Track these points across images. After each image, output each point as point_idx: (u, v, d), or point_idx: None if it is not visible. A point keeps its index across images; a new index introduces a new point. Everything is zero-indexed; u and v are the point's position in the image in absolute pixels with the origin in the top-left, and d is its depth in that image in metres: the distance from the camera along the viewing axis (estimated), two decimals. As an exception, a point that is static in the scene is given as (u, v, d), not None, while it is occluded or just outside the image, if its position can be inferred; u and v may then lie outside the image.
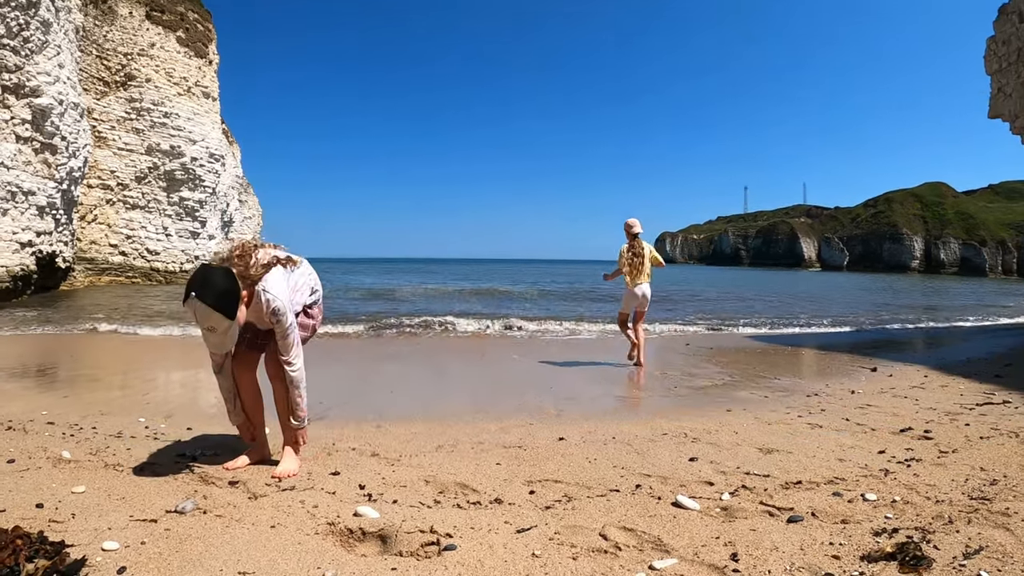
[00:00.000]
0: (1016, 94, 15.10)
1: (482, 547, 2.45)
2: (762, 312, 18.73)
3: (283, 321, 3.42)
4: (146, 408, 5.57)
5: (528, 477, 3.49)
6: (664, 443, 4.28)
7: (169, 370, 8.44)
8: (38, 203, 19.39)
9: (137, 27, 28.28)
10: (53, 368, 8.32)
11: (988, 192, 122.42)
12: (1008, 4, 15.22)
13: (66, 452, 3.73)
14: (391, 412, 5.58)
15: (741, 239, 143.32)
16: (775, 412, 5.43)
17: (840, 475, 3.47)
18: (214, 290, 3.05)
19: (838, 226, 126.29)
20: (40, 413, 5.10)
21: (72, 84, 21.25)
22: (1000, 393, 6.09)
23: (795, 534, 2.58)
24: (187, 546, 2.40)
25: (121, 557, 2.29)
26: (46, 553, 2.24)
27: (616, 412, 5.68)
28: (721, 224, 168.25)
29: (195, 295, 3.00)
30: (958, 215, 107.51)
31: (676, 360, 9.43)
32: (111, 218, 27.80)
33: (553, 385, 7.01)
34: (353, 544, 2.53)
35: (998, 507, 2.85)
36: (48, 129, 19.47)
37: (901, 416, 5.10)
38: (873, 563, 2.30)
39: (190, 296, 3.02)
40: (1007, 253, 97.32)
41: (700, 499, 3.06)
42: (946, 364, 8.62)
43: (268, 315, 3.39)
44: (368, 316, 15.79)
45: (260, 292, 3.35)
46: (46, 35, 19.07)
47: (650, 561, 2.34)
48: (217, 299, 3.04)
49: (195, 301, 3.00)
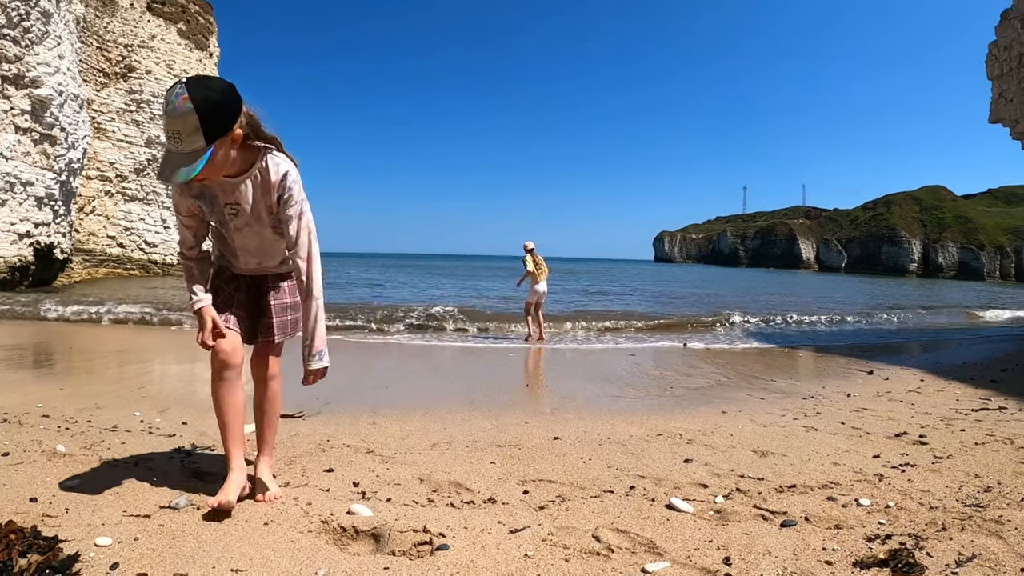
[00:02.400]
0: (1017, 99, 15.10)
1: (475, 547, 2.45)
2: (759, 312, 18.73)
3: (297, 199, 2.80)
4: (142, 401, 5.57)
5: (522, 476, 3.49)
6: (659, 444, 4.28)
7: (165, 363, 8.45)
8: (36, 194, 19.36)
9: (138, 19, 28.24)
10: (49, 360, 8.31)
11: (987, 196, 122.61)
12: (1010, 9, 15.22)
13: (61, 446, 3.72)
14: (386, 408, 5.59)
15: (740, 239, 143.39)
16: (770, 414, 5.43)
17: (834, 479, 3.47)
18: (209, 92, 2.45)
19: (836, 228, 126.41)
20: (36, 406, 5.09)
21: (72, 75, 21.21)
22: (996, 399, 6.09)
23: (788, 538, 2.58)
24: (180, 542, 2.39)
25: (114, 553, 2.28)
26: (39, 548, 2.23)
27: (611, 412, 5.68)
28: (720, 224, 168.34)
29: (184, 82, 2.43)
30: (957, 219, 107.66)
31: (672, 360, 9.44)
32: (109, 210, 27.77)
33: (549, 383, 7.01)
34: (346, 543, 2.52)
35: (992, 514, 2.85)
36: (47, 120, 19.43)
37: (896, 420, 5.10)
38: (866, 569, 2.30)
39: (178, 83, 2.44)
40: (1005, 257, 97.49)
41: (694, 501, 3.06)
42: (942, 368, 8.63)
43: (278, 188, 2.77)
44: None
45: (268, 159, 2.76)
46: (46, 25, 19.03)
47: (643, 564, 2.34)
48: (205, 101, 2.42)
49: (182, 90, 2.40)
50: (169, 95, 2.42)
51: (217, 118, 2.46)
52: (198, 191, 2.78)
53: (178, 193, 2.80)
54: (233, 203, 2.80)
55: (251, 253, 2.99)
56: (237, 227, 2.87)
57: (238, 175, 2.75)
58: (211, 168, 2.54)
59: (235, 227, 2.87)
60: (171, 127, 2.42)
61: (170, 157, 2.47)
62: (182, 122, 2.39)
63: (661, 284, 41.48)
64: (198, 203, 2.81)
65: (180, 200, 2.82)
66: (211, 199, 2.81)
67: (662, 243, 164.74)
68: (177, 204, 2.86)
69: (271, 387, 3.11)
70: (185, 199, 2.80)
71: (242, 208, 2.81)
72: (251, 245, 2.96)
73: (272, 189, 2.78)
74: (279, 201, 2.80)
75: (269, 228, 2.90)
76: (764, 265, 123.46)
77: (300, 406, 5.38)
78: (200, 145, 2.44)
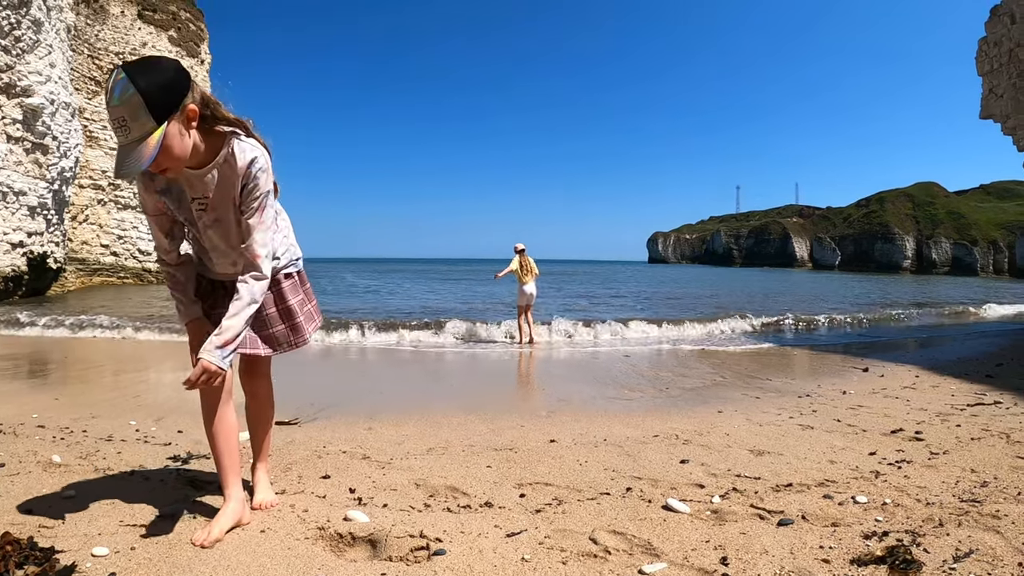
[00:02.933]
0: (1007, 95, 15.16)
1: (472, 552, 2.45)
2: (754, 312, 18.74)
3: (263, 189, 2.55)
4: (137, 410, 5.55)
5: (519, 480, 3.48)
6: (655, 445, 4.29)
7: (161, 371, 8.43)
8: (29, 203, 19.30)
9: (129, 26, 28.20)
10: (44, 370, 8.29)
11: (980, 192, 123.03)
12: (1000, 5, 15.28)
13: (56, 456, 3.71)
14: (382, 414, 5.57)
15: (733, 239, 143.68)
16: (766, 413, 5.44)
17: (831, 477, 3.47)
18: (155, 73, 2.25)
19: (830, 226, 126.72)
20: (31, 416, 5.07)
21: (64, 83, 21.16)
22: (991, 394, 6.11)
23: (785, 537, 2.58)
24: (177, 551, 2.38)
25: (111, 563, 2.27)
26: (36, 559, 2.22)
27: (607, 413, 5.68)
28: (713, 224, 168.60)
29: (122, 66, 2.22)
30: (950, 215, 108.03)
31: (668, 360, 9.45)
32: (103, 218, 27.70)
33: (545, 386, 7.01)
34: (343, 549, 2.52)
35: (988, 509, 2.86)
36: (39, 129, 19.38)
37: (892, 417, 5.11)
38: (863, 567, 2.30)
39: (115, 69, 2.23)
40: (998, 253, 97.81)
41: (691, 502, 3.06)
42: (937, 364, 8.66)
43: (243, 177, 2.52)
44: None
45: (234, 144, 2.51)
46: (37, 34, 18.99)
47: (640, 565, 2.34)
48: (151, 83, 2.21)
49: (120, 74, 2.19)
50: (107, 84, 2.22)
51: (162, 94, 2.24)
52: (163, 186, 2.56)
53: (143, 189, 2.59)
54: (201, 197, 2.56)
55: (224, 254, 2.72)
56: (206, 224, 2.62)
57: (204, 165, 2.50)
58: (169, 154, 2.30)
59: (204, 224, 2.63)
60: (115, 115, 2.20)
61: (122, 151, 2.24)
62: (125, 106, 2.18)
63: (656, 286, 41.53)
64: (163, 200, 2.60)
65: (146, 197, 2.62)
66: (178, 195, 2.58)
67: (656, 244, 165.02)
68: (144, 202, 2.65)
69: (263, 398, 3.01)
70: (151, 195, 2.59)
71: (210, 202, 2.57)
72: (222, 245, 2.68)
73: (238, 178, 2.52)
74: (243, 191, 2.54)
75: (238, 224, 2.62)
76: (758, 264, 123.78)
77: (295, 413, 5.37)
78: (151, 126, 2.22)
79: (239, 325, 2.54)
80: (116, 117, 2.20)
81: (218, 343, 2.49)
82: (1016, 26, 14.48)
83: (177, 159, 2.34)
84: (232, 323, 2.52)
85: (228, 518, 2.62)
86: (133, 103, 2.18)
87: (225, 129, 2.51)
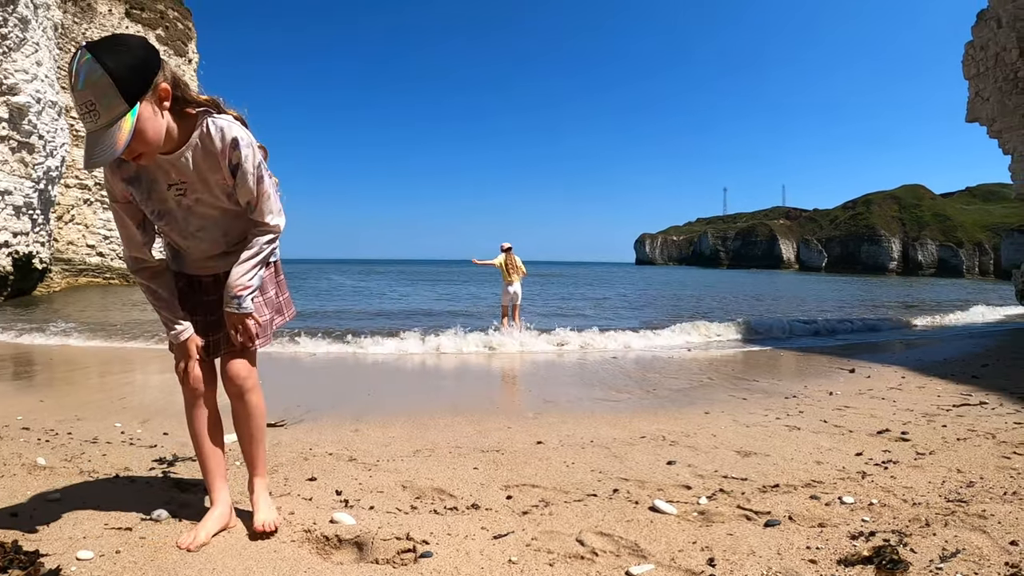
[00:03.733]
0: (993, 98, 15.28)
1: (458, 554, 2.44)
2: (742, 312, 18.81)
3: (253, 164, 2.43)
4: (123, 412, 5.51)
5: (505, 482, 3.48)
6: (642, 446, 4.29)
7: (147, 373, 8.37)
8: (15, 203, 19.17)
9: (116, 25, 28.06)
10: (29, 371, 8.22)
11: (966, 194, 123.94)
12: (987, 10, 15.40)
13: (41, 459, 3.68)
14: (368, 416, 5.56)
15: (720, 241, 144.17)
16: (753, 414, 5.45)
17: (817, 478, 3.49)
18: (123, 52, 2.09)
19: (817, 228, 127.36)
20: (15, 418, 5.03)
21: (50, 82, 21.04)
22: (977, 394, 6.15)
23: (772, 538, 2.59)
24: (162, 555, 2.37)
25: (95, 566, 2.25)
26: (20, 563, 2.21)
27: (594, 415, 5.67)
28: (701, 226, 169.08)
29: (86, 46, 2.06)
30: (936, 217, 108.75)
31: (654, 363, 9.46)
32: (88, 218, 27.55)
33: (531, 387, 7.01)
34: (329, 552, 2.51)
35: (975, 509, 2.87)
36: (25, 128, 19.25)
37: (879, 418, 5.13)
38: (850, 567, 2.31)
39: (79, 50, 2.07)
40: (983, 255, 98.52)
41: (677, 503, 3.07)
42: (923, 365, 8.71)
43: (228, 157, 2.40)
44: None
45: (208, 124, 2.36)
46: (24, 32, 18.86)
47: (627, 567, 2.34)
48: (119, 63, 2.05)
49: (84, 55, 2.03)
50: (71, 67, 2.06)
51: (132, 73, 2.08)
52: (132, 173, 2.39)
53: (110, 174, 2.39)
54: (178, 183, 2.41)
55: (208, 240, 2.57)
56: (188, 207, 2.46)
57: (177, 149, 2.35)
58: (143, 139, 2.15)
59: (185, 209, 2.47)
60: (82, 100, 2.04)
61: (91, 137, 2.08)
62: (93, 88, 2.03)
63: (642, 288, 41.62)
64: (130, 189, 2.41)
65: (113, 183, 2.42)
66: (148, 185, 2.41)
67: (643, 245, 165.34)
68: (111, 190, 2.45)
69: (249, 401, 2.68)
70: (117, 182, 2.41)
71: (188, 185, 2.42)
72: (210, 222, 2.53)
73: (220, 160, 2.39)
74: (233, 172, 2.42)
75: (226, 200, 2.50)
76: (745, 266, 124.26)
77: (282, 415, 5.35)
78: (122, 108, 2.07)
79: (248, 270, 2.49)
80: (83, 102, 2.04)
81: (233, 294, 2.47)
82: (1002, 30, 14.59)
83: (151, 143, 2.19)
84: (240, 269, 2.48)
85: (214, 522, 2.59)
86: (101, 84, 2.02)
87: (196, 110, 2.38)
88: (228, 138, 2.36)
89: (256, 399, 2.71)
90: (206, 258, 2.63)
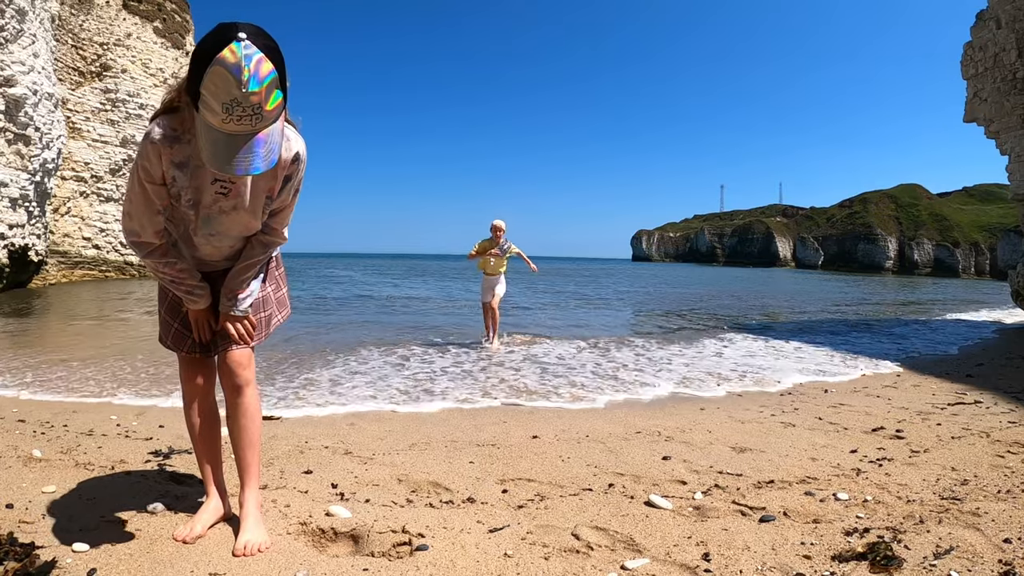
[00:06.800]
0: (991, 99, 15.29)
1: (454, 547, 2.45)
2: (738, 310, 18.83)
3: (302, 177, 2.41)
4: (118, 405, 5.51)
5: (501, 476, 3.49)
6: (638, 441, 4.30)
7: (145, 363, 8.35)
8: (11, 195, 19.10)
9: (114, 17, 27.92)
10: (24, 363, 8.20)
11: (962, 194, 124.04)
12: (986, 10, 15.40)
13: (37, 451, 3.68)
14: (365, 409, 5.56)
15: (717, 238, 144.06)
16: (748, 411, 5.46)
17: (812, 474, 3.50)
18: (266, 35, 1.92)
19: (813, 226, 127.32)
20: (11, 410, 5.03)
21: (47, 74, 20.94)
22: (972, 393, 6.17)
23: (767, 534, 2.60)
24: (158, 547, 2.37)
25: (91, 559, 2.26)
26: (16, 555, 2.21)
27: (590, 409, 5.69)
28: (697, 222, 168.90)
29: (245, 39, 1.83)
30: (932, 216, 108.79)
31: (650, 359, 9.46)
32: (85, 211, 27.44)
33: (527, 383, 7.01)
34: (325, 544, 2.51)
35: (969, 507, 2.89)
36: (22, 120, 19.17)
37: (874, 415, 5.15)
38: (844, 563, 2.32)
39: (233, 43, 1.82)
40: (980, 255, 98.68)
41: (673, 498, 3.08)
42: (919, 363, 8.73)
43: (286, 165, 2.30)
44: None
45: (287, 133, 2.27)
46: (21, 24, 18.78)
47: (622, 561, 2.35)
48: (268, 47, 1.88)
49: (248, 47, 1.82)
50: (228, 63, 1.81)
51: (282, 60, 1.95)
52: (183, 158, 2.21)
53: (154, 155, 2.18)
54: (226, 181, 2.26)
55: (222, 239, 2.45)
56: (223, 209, 2.33)
57: None
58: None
59: (219, 208, 2.32)
60: (251, 103, 1.86)
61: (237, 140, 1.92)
62: (268, 87, 1.88)
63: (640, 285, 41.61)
64: (174, 173, 2.23)
65: (158, 164, 2.20)
66: (194, 171, 2.24)
67: (640, 242, 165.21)
68: (149, 170, 2.20)
69: (245, 399, 2.54)
70: (166, 163, 2.21)
71: (235, 188, 2.29)
72: (234, 231, 2.42)
73: (279, 170, 2.31)
74: (284, 182, 2.37)
75: (260, 211, 2.41)
76: (741, 263, 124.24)
77: (277, 403, 5.35)
78: (280, 99, 1.95)
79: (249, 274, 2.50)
80: (253, 104, 1.86)
81: (231, 296, 2.48)
82: (1001, 31, 14.60)
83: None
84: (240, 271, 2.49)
85: (210, 514, 2.59)
86: (273, 82, 1.88)
87: None
88: (294, 150, 2.30)
89: (252, 396, 2.57)
90: (210, 258, 2.54)
